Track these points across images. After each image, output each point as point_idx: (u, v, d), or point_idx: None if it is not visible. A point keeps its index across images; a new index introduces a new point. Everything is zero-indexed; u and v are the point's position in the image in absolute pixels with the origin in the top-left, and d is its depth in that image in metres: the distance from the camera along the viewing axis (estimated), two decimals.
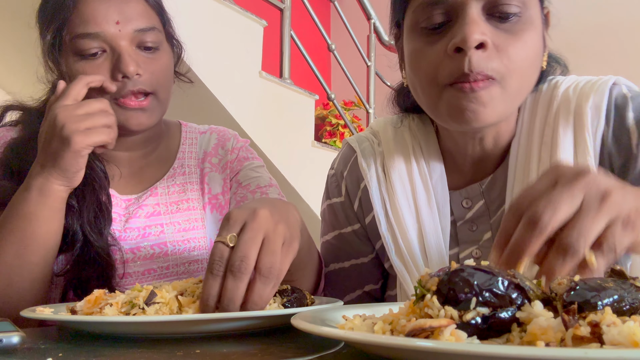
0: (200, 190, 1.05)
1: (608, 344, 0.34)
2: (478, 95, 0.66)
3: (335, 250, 0.91)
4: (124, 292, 0.65)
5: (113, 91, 0.90)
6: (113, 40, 0.90)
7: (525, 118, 0.77)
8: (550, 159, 0.72)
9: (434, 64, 0.68)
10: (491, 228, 0.78)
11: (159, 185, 1.03)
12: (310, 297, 0.71)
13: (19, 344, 0.52)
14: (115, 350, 0.54)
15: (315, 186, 2.63)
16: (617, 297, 0.39)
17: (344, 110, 3.59)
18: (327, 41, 3.05)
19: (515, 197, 0.52)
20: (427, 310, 0.41)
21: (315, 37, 3.24)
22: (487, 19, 0.67)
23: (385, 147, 0.86)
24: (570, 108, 0.73)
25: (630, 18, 3.71)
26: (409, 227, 0.79)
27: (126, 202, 1.01)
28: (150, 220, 0.99)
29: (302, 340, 0.59)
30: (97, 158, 0.97)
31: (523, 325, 0.39)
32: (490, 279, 0.41)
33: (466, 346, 0.34)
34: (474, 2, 0.66)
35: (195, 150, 1.10)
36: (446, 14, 0.68)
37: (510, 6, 0.66)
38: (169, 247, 0.98)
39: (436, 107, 0.71)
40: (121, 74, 0.89)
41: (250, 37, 2.40)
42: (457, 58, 0.66)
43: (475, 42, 0.65)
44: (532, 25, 0.69)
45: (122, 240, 0.97)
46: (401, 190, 0.82)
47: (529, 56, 0.68)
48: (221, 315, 0.59)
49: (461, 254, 0.79)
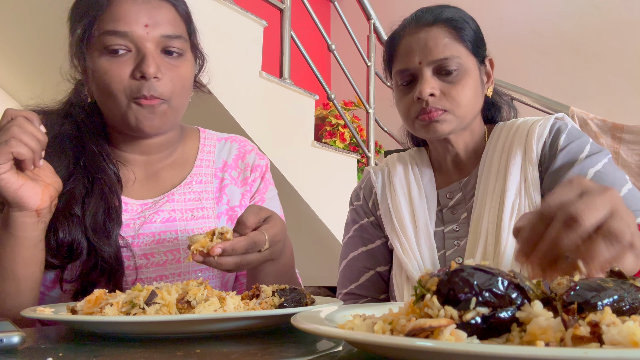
0: (215, 199, 1.07)
1: (608, 344, 0.34)
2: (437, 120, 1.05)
3: (355, 240, 1.20)
4: (124, 292, 0.65)
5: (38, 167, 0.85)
6: (139, 41, 0.92)
7: (493, 141, 1.12)
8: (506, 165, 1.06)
9: (407, 107, 1.08)
10: (466, 211, 1.10)
11: (176, 192, 1.03)
12: (309, 297, 0.71)
13: (19, 344, 0.52)
14: (115, 350, 0.54)
15: (315, 186, 2.63)
16: (616, 297, 0.39)
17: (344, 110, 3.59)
18: (327, 41, 3.05)
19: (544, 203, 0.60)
20: (427, 310, 0.41)
21: (315, 37, 3.24)
22: (436, 76, 1.05)
23: (390, 164, 1.24)
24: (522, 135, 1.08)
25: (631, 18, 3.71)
26: (404, 213, 1.13)
27: (142, 207, 1.01)
28: (166, 227, 0.99)
29: (302, 340, 0.59)
30: (111, 161, 0.98)
31: (523, 325, 0.39)
32: (490, 279, 0.41)
33: (466, 346, 0.34)
34: (426, 68, 1.04)
35: (212, 159, 1.11)
36: (412, 76, 1.07)
37: (449, 67, 1.04)
38: (182, 254, 0.99)
39: (413, 129, 1.11)
40: (140, 73, 0.91)
41: (250, 37, 2.40)
42: (419, 102, 1.05)
43: (428, 94, 1.03)
44: (467, 75, 1.05)
45: (136, 245, 0.96)
46: (400, 188, 1.17)
47: (467, 94, 1.05)
48: (221, 315, 0.59)
49: (445, 229, 1.10)
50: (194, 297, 0.62)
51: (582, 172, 0.98)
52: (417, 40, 1.05)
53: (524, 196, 1.01)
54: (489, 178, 1.06)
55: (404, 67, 1.07)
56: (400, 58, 1.08)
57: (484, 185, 1.06)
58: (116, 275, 0.92)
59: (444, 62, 1.03)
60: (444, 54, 1.03)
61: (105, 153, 0.99)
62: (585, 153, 1.00)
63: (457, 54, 1.04)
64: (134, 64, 0.92)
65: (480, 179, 1.08)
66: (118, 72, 0.91)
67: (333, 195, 2.73)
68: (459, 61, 1.04)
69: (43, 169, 0.85)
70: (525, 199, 1.01)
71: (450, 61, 1.03)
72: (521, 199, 1.01)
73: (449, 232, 1.09)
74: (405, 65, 1.06)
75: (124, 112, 0.93)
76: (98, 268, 0.90)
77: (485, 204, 1.04)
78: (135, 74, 0.91)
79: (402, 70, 1.07)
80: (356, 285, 1.15)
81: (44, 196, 0.83)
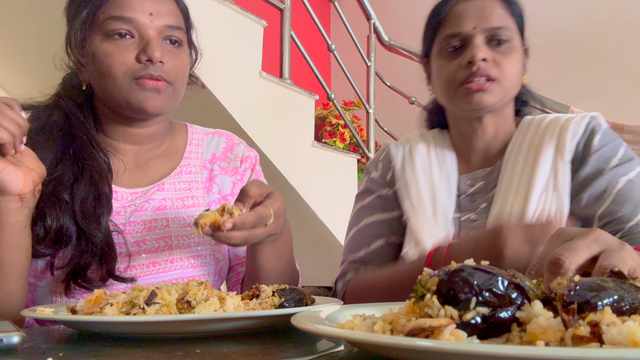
0: (205, 188, 1.08)
1: (608, 344, 0.34)
2: (483, 90, 1.02)
3: (371, 208, 1.17)
4: (124, 292, 0.65)
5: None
6: (143, 28, 0.96)
7: (521, 134, 1.10)
8: (534, 160, 1.04)
9: (452, 73, 1.04)
10: (486, 201, 1.07)
11: (166, 182, 1.05)
12: (309, 297, 0.71)
13: (19, 344, 0.52)
14: (115, 350, 0.54)
15: (315, 186, 2.62)
16: (617, 297, 0.39)
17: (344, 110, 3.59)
18: (327, 41, 3.05)
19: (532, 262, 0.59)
20: (427, 310, 0.41)
21: (315, 37, 3.23)
22: (487, 45, 1.03)
23: (412, 140, 1.20)
24: (555, 130, 1.06)
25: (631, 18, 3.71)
26: (424, 192, 1.10)
27: (132, 195, 1.02)
28: (157, 214, 1.01)
29: (302, 340, 0.59)
30: (101, 149, 0.99)
31: (523, 325, 0.39)
32: (490, 278, 0.41)
33: (466, 346, 0.34)
34: (479, 34, 1.02)
35: (201, 152, 1.13)
36: (461, 41, 1.04)
37: (502, 37, 1.03)
38: (174, 241, 1.00)
39: (453, 99, 1.06)
40: (147, 57, 0.94)
41: (250, 37, 2.40)
42: (467, 68, 1.02)
43: (481, 57, 1.01)
44: (515, 51, 1.05)
45: (127, 233, 0.97)
46: (421, 165, 1.14)
47: (514, 68, 1.04)
48: (221, 315, 0.60)
49: (462, 217, 1.08)
50: (194, 297, 0.62)
51: (613, 181, 0.96)
52: (473, 6, 1.05)
53: (552, 192, 0.99)
54: (515, 170, 1.04)
55: (455, 31, 1.04)
56: (451, 22, 1.06)
57: (508, 178, 1.04)
58: (108, 258, 0.92)
59: (498, 32, 1.02)
60: (500, 22, 1.03)
61: (94, 141, 1.00)
62: (617, 158, 0.99)
63: (510, 26, 1.04)
64: (138, 49, 0.95)
65: (505, 170, 1.06)
66: (121, 55, 0.94)
67: (333, 195, 2.73)
68: (510, 34, 1.04)
69: (25, 154, 0.85)
70: (554, 195, 0.99)
71: (504, 31, 1.03)
72: (548, 194, 0.99)
73: (466, 220, 1.06)
74: (458, 29, 1.04)
75: (126, 93, 0.95)
76: (89, 252, 0.90)
77: (508, 196, 1.02)
78: (141, 58, 0.94)
79: (452, 34, 1.05)
80: (366, 252, 1.11)
81: (26, 180, 0.83)
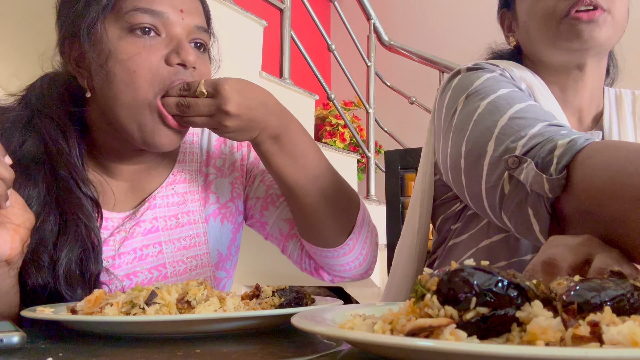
0: (201, 200, 0.96)
1: (608, 344, 0.34)
2: (594, 19, 0.85)
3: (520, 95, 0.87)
4: (123, 292, 0.65)
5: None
6: (173, 26, 0.83)
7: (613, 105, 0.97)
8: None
9: (552, 4, 0.87)
10: None
11: (157, 195, 0.92)
12: (309, 297, 0.71)
13: (19, 344, 0.52)
14: (115, 350, 0.54)
15: None
16: (617, 297, 0.39)
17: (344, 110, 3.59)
18: (327, 41, 3.05)
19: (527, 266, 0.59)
20: (427, 310, 0.41)
21: (315, 37, 3.24)
22: None
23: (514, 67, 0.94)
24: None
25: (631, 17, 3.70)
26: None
27: (122, 220, 0.90)
28: (148, 239, 0.89)
29: (302, 340, 0.59)
30: (87, 186, 0.85)
31: (523, 325, 0.39)
32: (490, 278, 0.41)
33: (466, 346, 0.34)
34: None
35: (196, 152, 0.99)
36: None
37: None
38: (169, 268, 0.89)
39: (556, 36, 0.88)
40: (179, 59, 0.82)
41: (250, 37, 2.40)
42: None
43: None
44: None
45: (117, 267, 0.86)
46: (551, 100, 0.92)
47: (625, 4, 0.90)
48: (221, 315, 0.59)
49: None
50: (194, 297, 0.62)
51: None
52: None
53: None
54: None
55: None
56: None
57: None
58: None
59: None
60: None
61: (80, 179, 0.84)
62: None
63: None
64: (166, 50, 0.82)
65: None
66: (148, 58, 0.81)
67: None
68: None
69: (12, 206, 0.69)
70: None
71: None
72: None
73: None
74: None
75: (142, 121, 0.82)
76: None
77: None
78: (171, 59, 0.82)
79: None
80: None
81: (13, 243, 0.70)
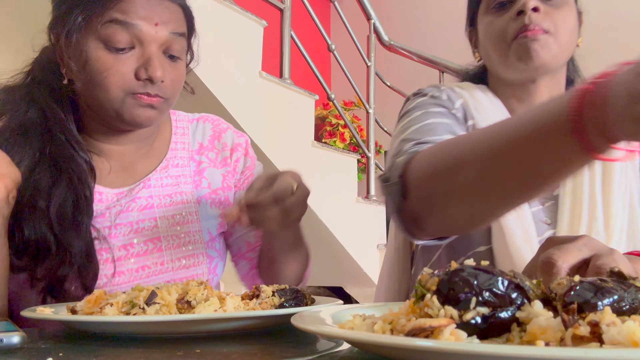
0: (193, 183, 1.03)
1: (608, 344, 0.34)
2: (537, 39, 0.93)
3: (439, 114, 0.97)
4: (123, 292, 0.65)
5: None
6: (146, 39, 0.90)
7: None
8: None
9: (502, 28, 0.96)
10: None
11: (152, 177, 1.00)
12: (309, 297, 0.71)
13: (19, 343, 0.52)
14: (115, 350, 0.54)
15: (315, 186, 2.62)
16: (617, 297, 0.39)
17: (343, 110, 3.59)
18: (327, 41, 3.05)
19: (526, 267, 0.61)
20: (427, 310, 0.41)
21: (315, 37, 3.24)
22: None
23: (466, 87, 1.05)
24: None
25: (631, 17, 3.71)
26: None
27: (117, 196, 0.97)
28: (144, 214, 0.96)
29: (302, 340, 0.59)
30: (82, 149, 0.93)
31: (523, 325, 0.39)
32: (490, 278, 0.41)
33: (466, 346, 0.34)
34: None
35: (187, 141, 1.07)
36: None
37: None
38: (163, 242, 0.96)
39: (506, 57, 0.97)
40: (147, 76, 0.89)
41: (250, 37, 2.40)
42: (519, 18, 0.94)
43: (532, 6, 0.93)
44: (569, 5, 0.97)
45: (113, 237, 0.93)
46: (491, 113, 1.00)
47: (569, 23, 0.96)
48: (221, 315, 0.59)
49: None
50: (194, 297, 0.62)
51: None
52: None
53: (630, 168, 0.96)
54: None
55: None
56: None
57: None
58: (87, 272, 0.87)
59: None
60: None
61: (74, 141, 0.93)
62: None
63: None
64: (137, 63, 0.90)
65: None
66: (120, 68, 0.88)
67: (333, 196, 2.73)
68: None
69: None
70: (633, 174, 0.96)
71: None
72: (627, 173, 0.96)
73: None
74: None
75: (118, 106, 0.90)
76: (67, 263, 0.86)
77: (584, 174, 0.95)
78: (140, 74, 0.89)
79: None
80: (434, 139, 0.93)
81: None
